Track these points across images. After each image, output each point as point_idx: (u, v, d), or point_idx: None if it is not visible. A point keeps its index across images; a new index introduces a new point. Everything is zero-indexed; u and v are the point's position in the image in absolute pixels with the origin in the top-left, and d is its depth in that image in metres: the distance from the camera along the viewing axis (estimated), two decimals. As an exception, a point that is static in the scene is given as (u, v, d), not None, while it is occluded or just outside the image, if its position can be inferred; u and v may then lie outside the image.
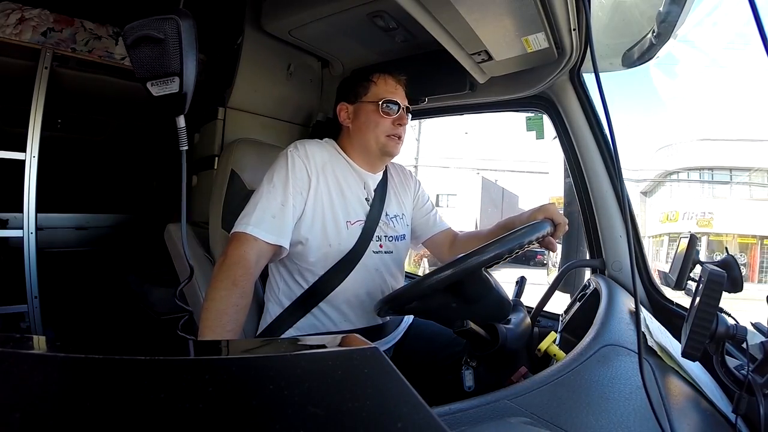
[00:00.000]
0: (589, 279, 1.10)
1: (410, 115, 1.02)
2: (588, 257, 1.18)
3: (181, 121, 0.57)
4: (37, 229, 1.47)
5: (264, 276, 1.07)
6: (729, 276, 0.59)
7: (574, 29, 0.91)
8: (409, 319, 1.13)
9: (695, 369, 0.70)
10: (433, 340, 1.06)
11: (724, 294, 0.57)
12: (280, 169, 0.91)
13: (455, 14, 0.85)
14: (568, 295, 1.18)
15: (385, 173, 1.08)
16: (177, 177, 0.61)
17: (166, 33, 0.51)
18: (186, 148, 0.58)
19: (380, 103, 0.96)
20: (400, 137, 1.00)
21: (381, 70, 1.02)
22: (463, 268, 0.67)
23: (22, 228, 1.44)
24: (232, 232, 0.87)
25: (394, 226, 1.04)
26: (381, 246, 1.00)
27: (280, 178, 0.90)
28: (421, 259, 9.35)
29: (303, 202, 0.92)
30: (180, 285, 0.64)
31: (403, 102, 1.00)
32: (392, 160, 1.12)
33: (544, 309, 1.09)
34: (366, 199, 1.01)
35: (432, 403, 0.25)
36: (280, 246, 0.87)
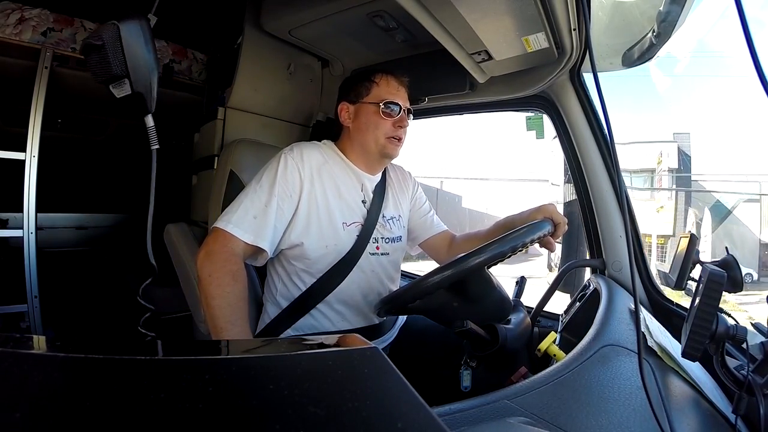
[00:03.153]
0: (589, 279, 1.10)
1: (412, 117, 1.02)
2: (588, 257, 1.18)
3: (150, 120, 0.60)
4: (37, 228, 1.47)
5: (262, 277, 1.07)
6: (729, 276, 0.59)
7: (574, 29, 0.91)
8: (403, 317, 1.13)
9: (695, 369, 0.70)
10: (429, 339, 1.06)
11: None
12: (270, 171, 0.91)
13: (455, 14, 0.85)
14: (568, 295, 1.18)
15: (384, 174, 1.08)
16: (177, 177, 0.62)
17: (105, 39, 0.54)
18: (157, 147, 0.60)
19: (381, 104, 0.95)
20: (400, 139, 0.99)
21: (383, 71, 1.01)
22: (464, 268, 0.67)
23: (22, 228, 1.43)
24: (213, 226, 0.87)
25: (391, 228, 1.04)
26: (378, 248, 1.00)
27: (269, 180, 0.90)
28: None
29: (293, 206, 0.91)
30: (143, 283, 0.67)
31: (405, 104, 0.99)
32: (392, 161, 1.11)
33: (544, 309, 1.09)
34: (363, 201, 1.00)
35: (427, 402, 0.25)
36: (259, 247, 0.87)
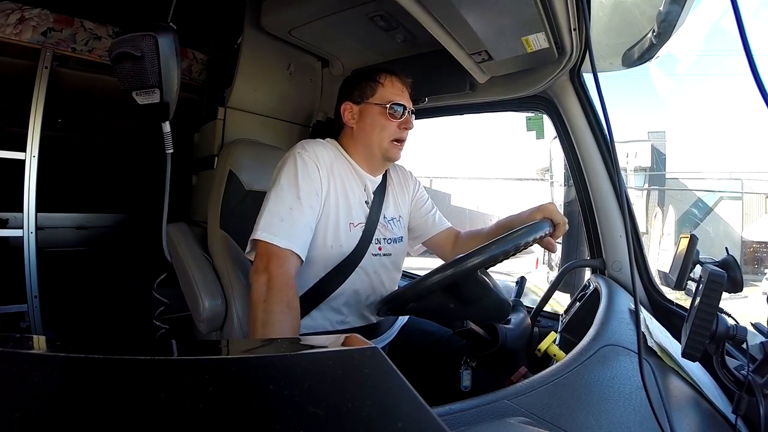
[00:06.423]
0: (589, 279, 1.10)
1: (414, 117, 1.01)
2: (588, 257, 1.18)
3: (167, 127, 0.62)
4: (37, 228, 1.47)
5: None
6: (729, 276, 0.59)
7: (574, 29, 0.91)
8: (404, 317, 1.13)
9: (695, 369, 0.70)
10: (428, 338, 1.06)
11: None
12: (289, 173, 0.88)
13: (455, 14, 0.85)
14: (568, 295, 1.18)
15: (384, 175, 1.07)
16: (177, 177, 0.63)
17: (144, 50, 0.54)
18: (171, 151, 0.62)
19: (388, 105, 0.95)
20: (402, 142, 0.99)
21: (387, 71, 1.00)
22: (461, 270, 0.67)
23: (22, 227, 1.44)
24: (264, 241, 0.81)
25: (392, 229, 1.04)
26: (380, 248, 1.00)
27: (296, 183, 0.87)
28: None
29: (320, 202, 0.90)
30: (157, 279, 0.68)
31: (409, 105, 0.98)
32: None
33: (544, 309, 1.09)
34: (366, 201, 1.00)
35: (427, 402, 0.25)
36: (293, 251, 0.83)
